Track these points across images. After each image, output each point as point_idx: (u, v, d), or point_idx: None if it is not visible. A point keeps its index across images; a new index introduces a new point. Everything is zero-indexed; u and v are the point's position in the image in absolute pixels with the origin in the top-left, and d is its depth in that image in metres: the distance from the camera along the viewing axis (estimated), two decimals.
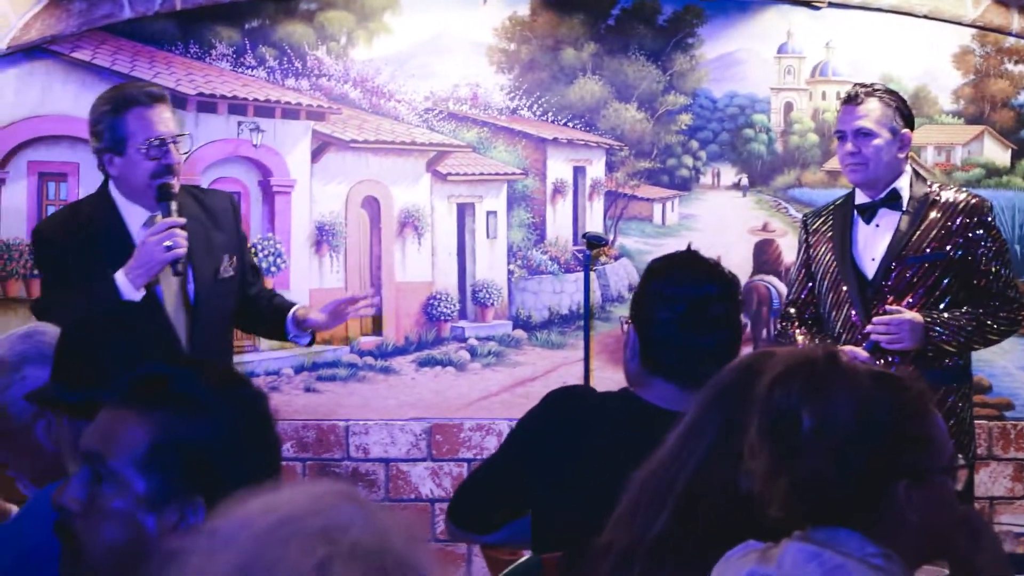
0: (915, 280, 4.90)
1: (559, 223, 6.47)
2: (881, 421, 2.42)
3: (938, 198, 4.97)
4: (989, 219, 5.00)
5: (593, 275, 6.08)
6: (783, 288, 6.38)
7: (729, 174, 6.53)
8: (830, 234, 5.07)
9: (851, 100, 4.97)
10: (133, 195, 4.61)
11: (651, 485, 2.82)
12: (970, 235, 4.94)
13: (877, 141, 4.93)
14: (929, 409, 2.47)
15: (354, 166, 6.30)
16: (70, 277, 4.49)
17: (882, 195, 4.97)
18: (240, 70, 6.24)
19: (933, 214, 4.96)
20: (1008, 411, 6.39)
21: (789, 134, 6.55)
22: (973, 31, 6.49)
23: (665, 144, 6.47)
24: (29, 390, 2.92)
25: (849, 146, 4.94)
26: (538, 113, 6.40)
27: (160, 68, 6.14)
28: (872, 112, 4.94)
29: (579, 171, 6.48)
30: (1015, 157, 6.54)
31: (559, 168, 6.45)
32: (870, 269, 4.97)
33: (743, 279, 6.45)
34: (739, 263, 6.47)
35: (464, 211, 6.43)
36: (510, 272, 6.45)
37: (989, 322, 4.95)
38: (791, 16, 6.46)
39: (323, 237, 6.26)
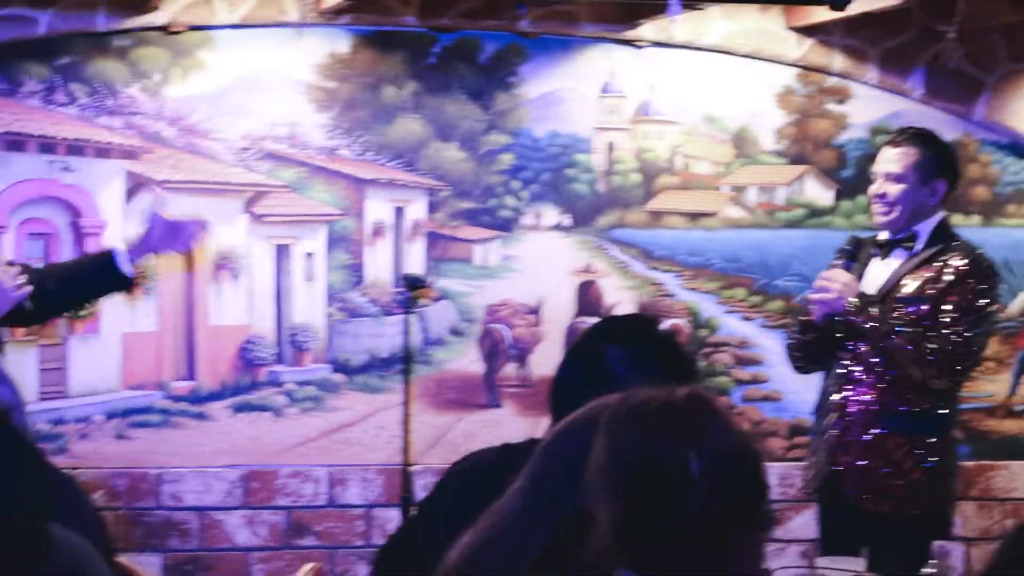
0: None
1: (379, 265, 6.58)
2: (752, 461, 2.44)
3: (946, 257, 5.05)
4: (970, 270, 5.02)
5: (413, 318, 6.17)
6: None
7: (551, 214, 6.66)
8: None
9: (888, 143, 5.16)
10: None
11: (493, 549, 2.82)
12: (949, 289, 5.00)
13: (903, 186, 5.06)
14: None
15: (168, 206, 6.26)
16: None
17: (900, 236, 5.10)
18: (50, 107, 6.25)
19: (930, 269, 5.05)
20: None
21: (612, 174, 6.70)
22: (795, 71, 6.73)
23: (487, 184, 6.59)
24: None
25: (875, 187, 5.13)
26: (358, 152, 6.50)
27: None
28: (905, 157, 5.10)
29: (399, 211, 6.59)
30: (837, 197, 6.77)
31: (379, 208, 6.56)
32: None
33: (566, 321, 6.73)
34: (562, 305, 6.69)
35: (281, 253, 6.52)
36: (328, 315, 6.55)
37: (918, 349, 4.91)
38: (614, 55, 6.62)
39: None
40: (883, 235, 5.07)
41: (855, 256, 5.13)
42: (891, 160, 5.06)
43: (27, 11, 6.14)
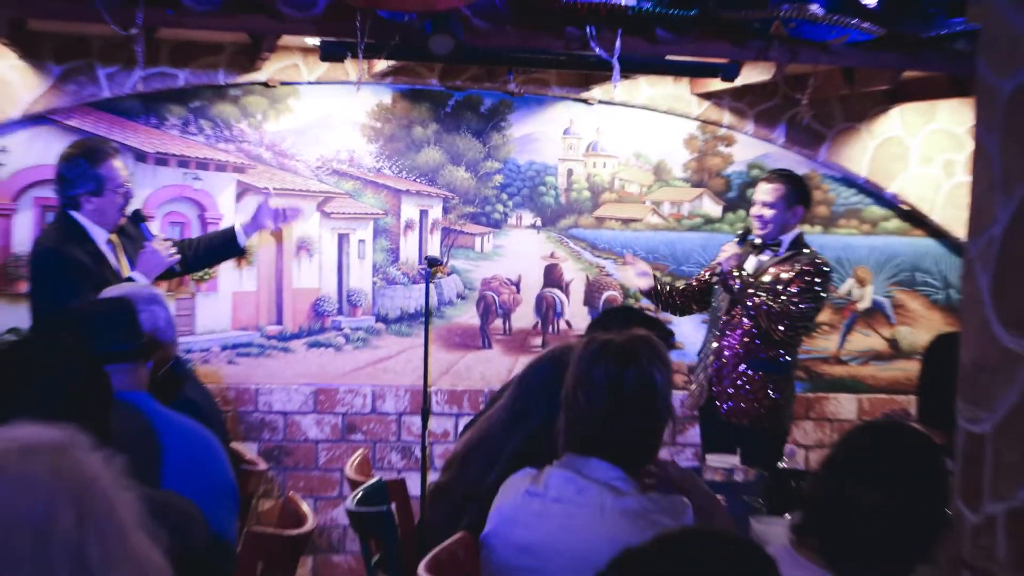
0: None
1: (409, 249, 7.26)
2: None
3: (798, 259, 5.60)
4: (811, 270, 5.55)
5: (432, 286, 6.35)
6: (564, 298, 7.46)
7: (528, 218, 7.40)
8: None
9: (764, 179, 5.79)
10: (100, 221, 5.35)
11: (485, 446, 3.22)
12: (791, 277, 5.57)
13: (774, 211, 5.67)
14: None
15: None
16: (83, 283, 5.06)
17: (769, 242, 5.74)
18: (185, 136, 6.97)
19: (786, 264, 5.62)
20: None
21: (570, 191, 7.44)
22: (697, 124, 7.48)
23: (484, 196, 7.32)
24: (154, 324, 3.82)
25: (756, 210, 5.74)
26: (396, 171, 7.21)
27: (129, 133, 6.95)
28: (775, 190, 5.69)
29: (424, 213, 7.27)
30: (724, 211, 7.60)
31: (409, 210, 7.25)
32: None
33: (536, 291, 7.47)
34: (535, 280, 7.49)
35: (343, 239, 7.18)
36: (374, 283, 7.21)
37: (769, 307, 5.41)
38: (573, 109, 7.39)
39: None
40: (759, 240, 5.85)
41: (744, 240, 5.80)
42: (766, 192, 5.74)
43: (170, 69, 6.87)
